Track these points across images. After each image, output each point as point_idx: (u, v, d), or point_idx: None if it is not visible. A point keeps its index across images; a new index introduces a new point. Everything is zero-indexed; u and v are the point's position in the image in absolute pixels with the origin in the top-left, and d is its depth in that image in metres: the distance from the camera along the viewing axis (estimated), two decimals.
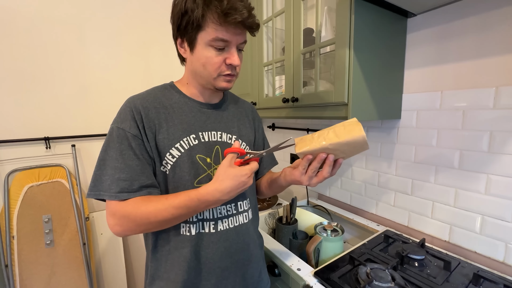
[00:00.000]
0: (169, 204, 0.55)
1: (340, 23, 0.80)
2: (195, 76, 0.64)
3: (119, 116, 0.60)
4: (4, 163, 1.23)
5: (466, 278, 0.73)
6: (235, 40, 0.58)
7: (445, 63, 0.85)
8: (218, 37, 0.56)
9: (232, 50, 0.59)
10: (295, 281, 0.79)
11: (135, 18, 1.50)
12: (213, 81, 0.62)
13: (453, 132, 0.85)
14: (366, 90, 0.84)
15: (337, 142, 0.52)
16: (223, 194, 0.55)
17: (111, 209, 0.57)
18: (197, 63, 0.61)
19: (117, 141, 0.57)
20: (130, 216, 0.55)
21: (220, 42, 0.57)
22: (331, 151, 0.54)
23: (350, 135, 0.51)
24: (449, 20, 0.82)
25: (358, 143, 0.51)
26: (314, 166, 0.57)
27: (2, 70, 1.19)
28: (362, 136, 0.50)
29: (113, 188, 0.55)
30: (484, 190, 0.79)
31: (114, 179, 0.56)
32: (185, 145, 0.62)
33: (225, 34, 0.56)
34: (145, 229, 0.58)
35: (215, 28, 0.55)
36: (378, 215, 1.13)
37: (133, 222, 0.56)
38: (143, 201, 0.56)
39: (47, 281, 1.24)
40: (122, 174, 0.56)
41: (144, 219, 0.55)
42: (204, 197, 0.55)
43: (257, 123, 0.82)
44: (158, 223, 0.56)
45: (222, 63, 0.60)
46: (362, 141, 0.50)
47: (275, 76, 1.18)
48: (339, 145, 0.52)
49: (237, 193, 0.56)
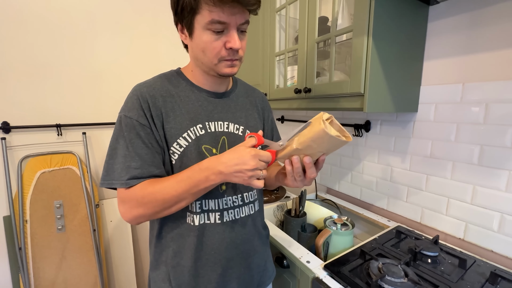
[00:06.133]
0: (173, 179, 0.55)
1: (359, 10, 0.76)
2: (197, 63, 0.62)
3: (126, 104, 0.59)
4: (17, 149, 1.25)
5: (482, 277, 0.71)
6: (233, 20, 0.53)
7: (469, 53, 0.81)
8: (214, 19, 0.52)
9: (231, 32, 0.54)
10: (304, 273, 0.79)
11: (145, 6, 1.49)
12: (214, 67, 0.59)
13: (474, 126, 0.81)
14: (384, 80, 0.81)
15: (303, 141, 0.49)
16: (222, 163, 0.51)
17: (121, 196, 0.57)
18: (197, 49, 0.58)
19: (126, 130, 0.57)
20: (138, 197, 0.55)
21: (217, 25, 0.52)
22: (303, 152, 0.51)
23: (311, 131, 0.48)
24: (476, 8, 0.78)
25: (322, 137, 0.47)
26: (296, 171, 0.53)
27: (16, 58, 1.20)
28: (321, 130, 0.46)
29: (123, 176, 0.55)
30: (505, 188, 0.76)
31: (124, 167, 0.55)
32: (192, 135, 0.61)
33: (221, 15, 0.51)
34: (153, 211, 0.56)
35: (209, 9, 0.51)
36: (389, 210, 1.11)
37: (141, 205, 0.55)
38: (150, 183, 0.56)
39: (58, 264, 1.27)
40: (133, 163, 0.55)
41: (151, 198, 0.54)
42: (203, 164, 0.53)
43: (266, 113, 0.80)
44: (164, 202, 0.55)
45: (222, 47, 0.55)
46: (323, 134, 0.46)
47: (287, 66, 1.15)
48: (307, 144, 0.49)
49: (235, 170, 0.50)
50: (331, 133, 0.46)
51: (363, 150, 1.19)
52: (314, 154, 0.51)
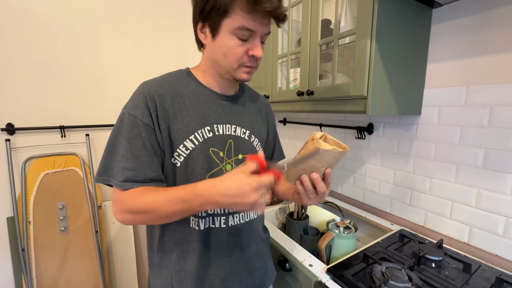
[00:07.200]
0: (166, 196, 0.51)
1: (362, 12, 0.76)
2: (214, 65, 0.61)
3: (132, 101, 0.58)
4: (21, 150, 1.26)
5: (488, 282, 0.70)
6: (261, 30, 0.55)
7: (473, 56, 0.80)
8: (244, 25, 0.53)
9: (256, 41, 0.56)
10: (306, 277, 0.78)
11: (148, 8, 1.50)
12: (233, 71, 0.59)
13: (478, 129, 0.80)
14: (387, 83, 0.81)
15: (304, 161, 0.50)
16: (219, 194, 0.46)
17: (114, 197, 0.56)
18: (218, 52, 0.58)
19: (127, 128, 0.55)
20: (128, 206, 0.54)
21: (245, 32, 0.54)
22: (308, 170, 0.52)
23: (308, 149, 0.49)
24: (480, 11, 0.77)
25: (318, 153, 0.48)
26: (307, 189, 0.54)
27: (20, 60, 1.21)
28: (315, 147, 0.48)
29: (118, 176, 0.54)
30: (510, 191, 0.75)
31: (120, 167, 0.55)
32: (199, 137, 0.60)
33: (252, 23, 0.53)
34: (143, 220, 0.55)
35: (242, 15, 0.52)
36: (392, 214, 1.10)
37: (130, 212, 0.54)
38: (143, 192, 0.54)
39: (60, 265, 1.27)
40: (128, 164, 0.54)
41: (141, 210, 0.53)
42: (199, 190, 0.48)
43: (270, 119, 0.80)
44: (155, 216, 0.53)
45: (245, 53, 0.57)
46: (317, 150, 0.47)
47: (290, 68, 1.15)
48: (308, 163, 0.50)
49: (234, 202, 0.46)
50: (325, 147, 0.48)
51: (366, 153, 1.18)
52: (318, 170, 0.53)
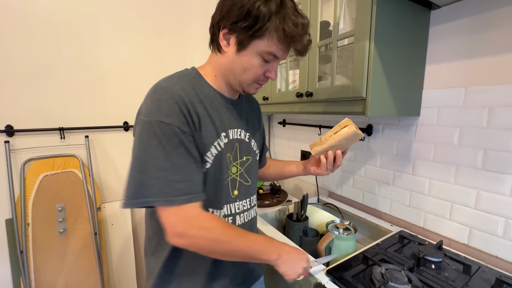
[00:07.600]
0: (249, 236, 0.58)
1: (361, 14, 0.76)
2: (228, 73, 0.61)
3: (159, 108, 0.51)
4: (20, 152, 1.25)
5: (487, 283, 0.69)
6: (283, 57, 0.60)
7: (471, 57, 0.80)
8: (272, 52, 0.56)
9: (275, 64, 0.61)
10: (306, 278, 0.78)
11: (149, 9, 1.50)
12: (245, 86, 0.62)
13: (477, 130, 0.80)
14: (386, 84, 0.81)
15: (339, 139, 0.70)
16: (285, 254, 0.61)
17: (169, 219, 0.51)
18: (239, 65, 0.58)
19: (164, 139, 0.50)
20: (201, 222, 0.52)
21: (270, 56, 0.57)
22: (336, 147, 0.73)
23: (346, 132, 0.69)
24: (479, 12, 0.78)
25: (354, 136, 0.70)
26: (329, 162, 0.74)
27: (20, 61, 1.21)
28: (353, 131, 0.69)
29: (168, 192, 0.49)
30: (510, 192, 0.75)
31: (168, 181, 0.49)
32: (221, 142, 0.61)
33: (279, 51, 0.57)
34: (209, 250, 0.54)
35: (275, 44, 0.55)
36: (391, 215, 1.09)
37: (203, 229, 0.52)
38: (222, 220, 0.58)
39: (59, 268, 1.27)
40: (177, 175, 0.50)
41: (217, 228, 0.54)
42: (272, 242, 0.62)
43: (262, 120, 0.85)
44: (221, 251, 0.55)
45: (262, 74, 0.60)
46: (355, 134, 0.69)
47: (289, 70, 1.15)
48: (341, 142, 0.71)
49: (292, 266, 0.62)
50: (359, 132, 0.69)
51: (365, 154, 1.18)
52: (343, 148, 0.74)
